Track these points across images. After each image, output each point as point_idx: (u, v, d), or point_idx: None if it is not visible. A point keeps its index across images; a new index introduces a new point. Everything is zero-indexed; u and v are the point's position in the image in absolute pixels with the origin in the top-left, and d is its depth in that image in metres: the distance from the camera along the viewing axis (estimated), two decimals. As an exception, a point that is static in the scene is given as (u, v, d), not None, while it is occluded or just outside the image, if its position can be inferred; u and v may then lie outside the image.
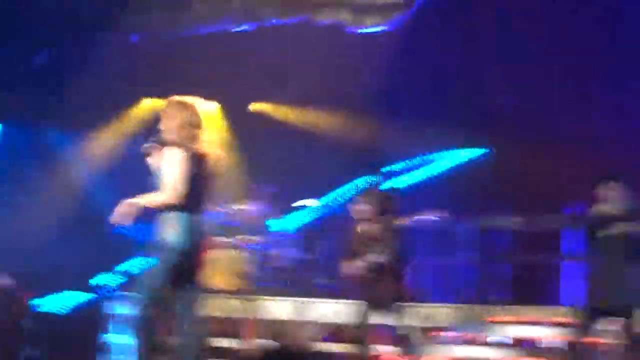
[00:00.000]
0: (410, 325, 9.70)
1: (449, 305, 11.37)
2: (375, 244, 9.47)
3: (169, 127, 7.01)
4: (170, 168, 6.77)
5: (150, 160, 7.11)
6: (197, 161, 6.87)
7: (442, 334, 10.75)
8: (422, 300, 11.54)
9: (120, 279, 14.21)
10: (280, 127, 15.56)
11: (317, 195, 14.27)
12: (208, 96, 15.76)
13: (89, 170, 15.21)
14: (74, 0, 12.76)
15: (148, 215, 6.89)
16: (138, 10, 13.26)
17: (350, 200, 10.25)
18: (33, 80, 13.82)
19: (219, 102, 15.85)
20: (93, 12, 12.91)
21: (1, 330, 12.04)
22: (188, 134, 6.93)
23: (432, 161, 15.01)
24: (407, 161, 14.85)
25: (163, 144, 6.97)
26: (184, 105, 7.10)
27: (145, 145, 7.14)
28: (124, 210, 6.78)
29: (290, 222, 13.59)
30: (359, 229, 9.75)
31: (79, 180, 15.11)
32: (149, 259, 7.02)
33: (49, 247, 12.78)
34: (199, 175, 6.87)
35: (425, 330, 10.70)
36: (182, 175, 6.74)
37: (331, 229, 13.47)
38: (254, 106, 15.98)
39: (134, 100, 15.68)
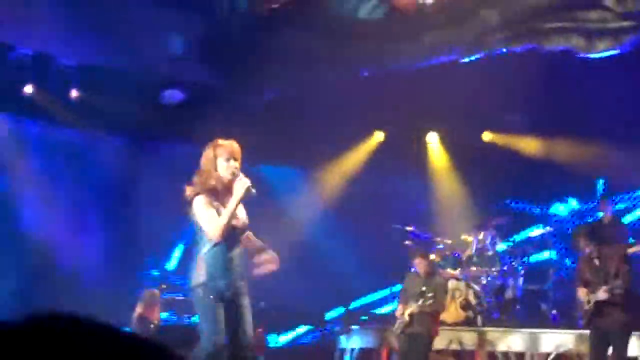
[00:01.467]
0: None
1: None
2: (604, 275, 9.24)
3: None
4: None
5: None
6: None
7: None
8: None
9: (351, 313, 14.44)
10: (511, 156, 15.32)
11: (546, 224, 13.97)
12: (433, 127, 15.75)
13: (315, 206, 15.30)
14: (303, 36, 13.06)
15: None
16: (367, 44, 13.43)
17: (574, 232, 10.08)
18: (262, 116, 14.12)
19: (446, 132, 15.73)
20: (321, 47, 13.18)
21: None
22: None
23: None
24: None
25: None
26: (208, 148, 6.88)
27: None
28: None
29: (518, 253, 13.35)
30: (586, 259, 9.56)
31: (305, 217, 15.06)
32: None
33: (281, 283, 13.13)
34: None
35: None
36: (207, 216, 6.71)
37: (560, 258, 13.25)
38: (486, 135, 15.82)
39: (363, 134, 15.75)
